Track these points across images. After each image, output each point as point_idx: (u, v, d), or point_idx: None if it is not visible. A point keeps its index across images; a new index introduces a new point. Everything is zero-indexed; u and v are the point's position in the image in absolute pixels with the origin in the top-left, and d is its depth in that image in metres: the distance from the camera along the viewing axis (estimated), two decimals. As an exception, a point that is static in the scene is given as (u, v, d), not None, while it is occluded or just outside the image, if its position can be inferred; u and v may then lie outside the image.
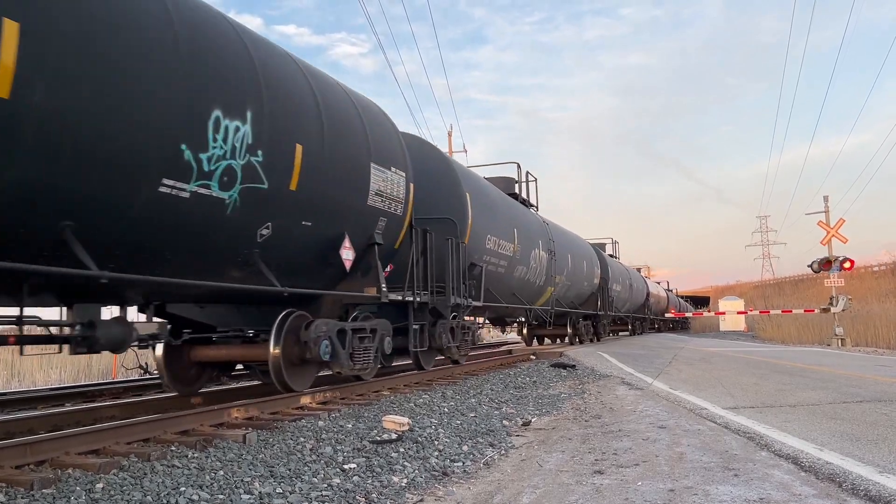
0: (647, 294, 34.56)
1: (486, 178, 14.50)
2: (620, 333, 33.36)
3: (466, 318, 12.18)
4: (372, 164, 7.87)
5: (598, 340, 22.60)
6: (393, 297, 8.76)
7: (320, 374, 8.03)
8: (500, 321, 20.02)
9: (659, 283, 46.92)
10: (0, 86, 3.74)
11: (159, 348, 7.38)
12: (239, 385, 9.47)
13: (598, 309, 21.98)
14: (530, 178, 17.62)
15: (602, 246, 27.47)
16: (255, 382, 9.94)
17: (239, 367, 8.72)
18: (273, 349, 6.99)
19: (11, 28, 3.78)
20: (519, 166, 17.17)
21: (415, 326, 9.78)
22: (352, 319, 8.20)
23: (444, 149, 29.45)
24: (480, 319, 15.25)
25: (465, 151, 51.86)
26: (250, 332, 7.84)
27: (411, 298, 9.40)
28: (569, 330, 20.28)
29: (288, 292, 6.76)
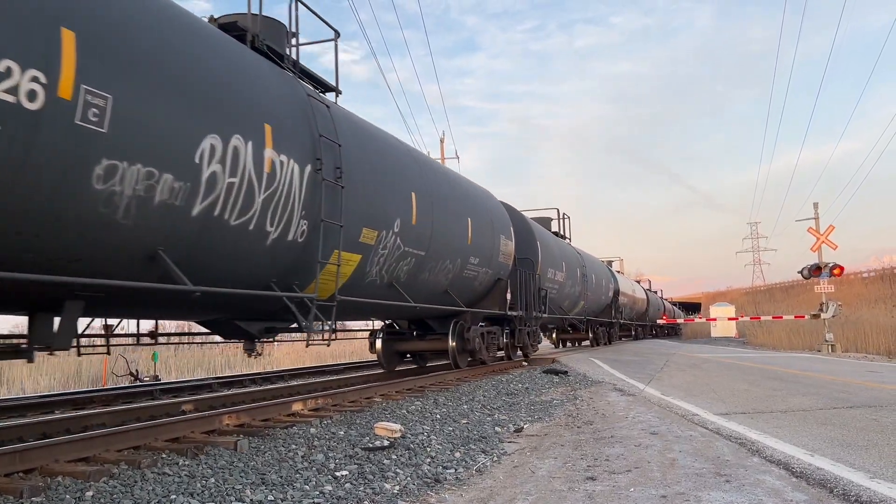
0: (616, 292, 27.22)
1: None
2: (583, 343, 26.25)
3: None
4: None
5: (526, 358, 15.27)
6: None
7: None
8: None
9: (639, 281, 41.68)
10: None
11: None
12: (230, 392, 9.43)
13: (508, 307, 13.01)
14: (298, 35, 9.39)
15: (546, 221, 19.51)
16: (246, 390, 9.90)
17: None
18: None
19: None
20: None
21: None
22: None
23: (436, 155, 28.58)
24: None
25: (458, 158, 51.56)
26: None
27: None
28: (451, 342, 11.77)
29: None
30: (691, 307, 62.64)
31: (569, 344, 26.59)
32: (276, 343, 22.27)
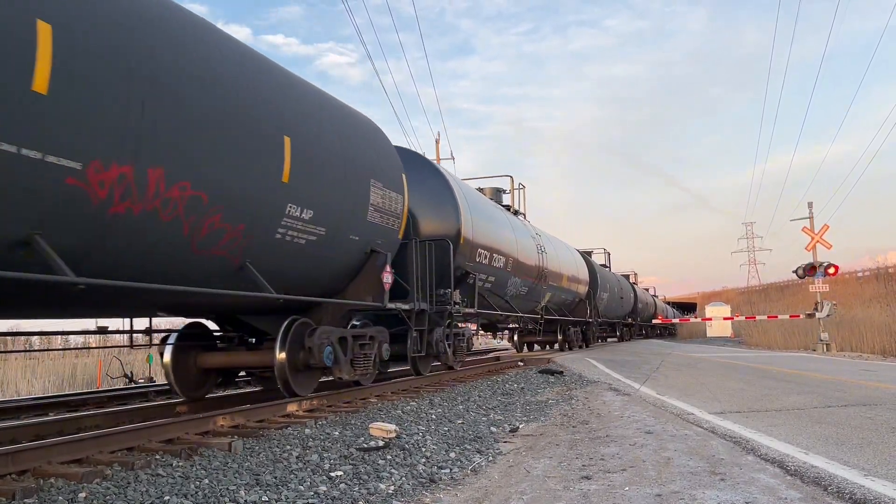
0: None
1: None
2: (553, 346, 22.34)
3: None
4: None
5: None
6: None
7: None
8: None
9: (627, 276, 37.22)
10: None
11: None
12: (225, 393, 9.40)
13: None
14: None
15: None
16: (241, 391, 9.87)
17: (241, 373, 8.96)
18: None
19: None
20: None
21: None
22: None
23: (431, 155, 29.25)
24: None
25: (453, 159, 51.64)
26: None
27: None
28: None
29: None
30: (687, 307, 62.78)
31: (536, 347, 23.62)
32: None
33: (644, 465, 4.46)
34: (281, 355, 7.23)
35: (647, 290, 42.89)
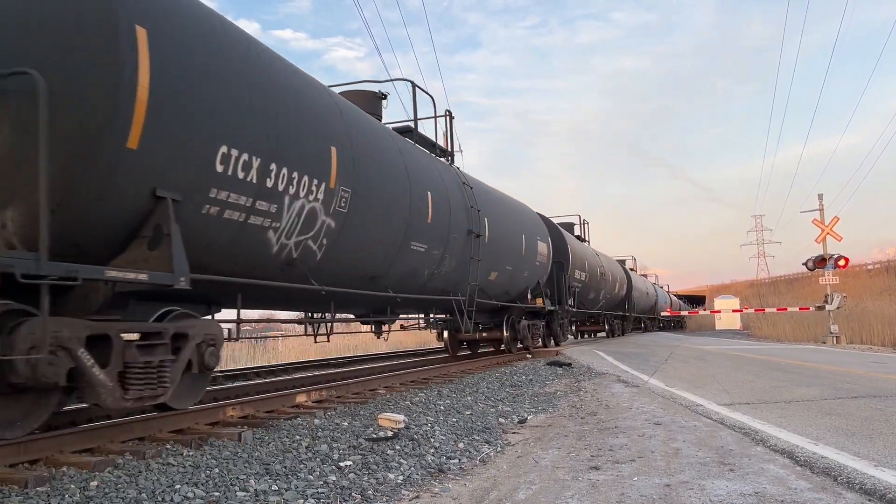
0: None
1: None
2: (598, 335, 28.21)
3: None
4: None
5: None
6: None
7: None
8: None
9: (646, 276, 40.93)
10: None
11: None
12: (235, 385, 9.44)
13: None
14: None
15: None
16: (251, 382, 9.91)
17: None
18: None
19: None
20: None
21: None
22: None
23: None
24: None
25: (461, 151, 51.62)
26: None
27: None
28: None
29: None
30: (696, 300, 62.60)
31: (586, 335, 28.33)
32: (280, 338, 22.28)
33: (653, 456, 4.46)
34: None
35: (644, 275, 42.02)
